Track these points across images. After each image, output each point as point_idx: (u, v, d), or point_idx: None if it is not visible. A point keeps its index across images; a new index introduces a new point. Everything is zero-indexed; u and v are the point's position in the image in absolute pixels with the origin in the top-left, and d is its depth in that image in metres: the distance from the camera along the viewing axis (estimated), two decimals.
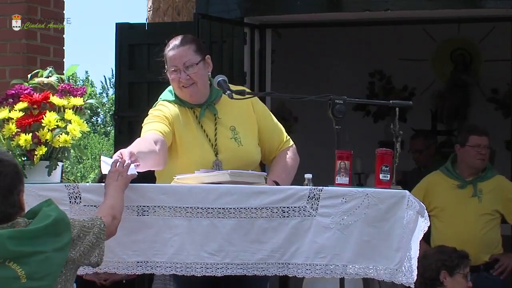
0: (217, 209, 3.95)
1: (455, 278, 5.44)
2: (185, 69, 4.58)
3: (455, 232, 6.41)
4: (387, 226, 3.88)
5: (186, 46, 4.62)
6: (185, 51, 4.61)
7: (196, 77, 4.59)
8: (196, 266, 3.96)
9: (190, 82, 4.58)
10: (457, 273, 5.45)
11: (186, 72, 4.58)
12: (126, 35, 8.20)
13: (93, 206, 3.99)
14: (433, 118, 11.00)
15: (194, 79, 4.58)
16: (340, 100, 4.15)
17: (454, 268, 5.49)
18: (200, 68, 4.61)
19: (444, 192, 6.56)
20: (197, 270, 3.95)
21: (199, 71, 4.61)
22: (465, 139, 6.60)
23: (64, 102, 4.15)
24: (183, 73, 4.57)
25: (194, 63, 4.59)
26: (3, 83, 5.46)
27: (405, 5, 7.94)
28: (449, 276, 5.46)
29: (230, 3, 8.29)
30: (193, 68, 4.58)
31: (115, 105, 8.66)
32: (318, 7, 8.15)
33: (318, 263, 3.92)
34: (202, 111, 4.62)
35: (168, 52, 4.64)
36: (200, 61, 4.61)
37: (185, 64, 4.58)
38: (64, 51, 6.16)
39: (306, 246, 3.93)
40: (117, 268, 4.01)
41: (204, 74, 4.62)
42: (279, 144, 4.71)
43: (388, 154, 4.03)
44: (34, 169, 4.09)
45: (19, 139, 4.04)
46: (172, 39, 4.67)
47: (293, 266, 3.94)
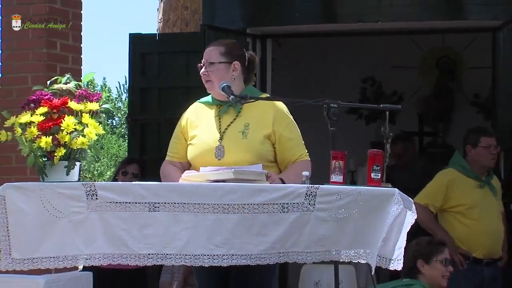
0: (222, 205, 3.93)
1: (432, 265, 5.39)
2: (207, 66, 4.66)
3: (486, 229, 6.38)
4: (378, 219, 3.86)
5: (215, 47, 4.73)
6: (213, 50, 4.71)
7: (212, 76, 4.64)
8: (204, 257, 3.94)
9: (206, 78, 4.67)
10: (434, 260, 5.41)
11: (207, 69, 4.66)
12: (138, 45, 8.19)
13: (108, 202, 3.98)
14: (420, 121, 11.01)
15: (210, 77, 4.64)
16: (334, 104, 4.14)
17: (429, 256, 5.44)
18: (219, 69, 4.65)
19: (468, 191, 6.42)
20: (205, 261, 3.93)
21: (217, 71, 4.65)
22: (477, 140, 6.49)
23: (81, 107, 4.14)
24: (204, 68, 4.67)
25: (215, 62, 4.65)
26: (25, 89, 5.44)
27: (395, 17, 7.94)
28: (426, 264, 5.41)
29: (234, 15, 8.28)
30: (212, 66, 4.65)
31: (128, 109, 8.65)
32: (315, 19, 8.15)
33: (317, 250, 3.93)
34: (225, 108, 4.68)
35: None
36: (222, 63, 4.65)
37: (208, 61, 4.67)
38: (81, 59, 6.12)
39: (306, 236, 3.92)
40: (130, 260, 3.99)
41: (223, 76, 4.64)
42: (293, 157, 4.67)
43: (379, 155, 4.02)
44: (54, 169, 4.08)
45: (40, 141, 4.03)
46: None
47: (294, 253, 3.93)
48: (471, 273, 6.36)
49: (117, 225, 3.98)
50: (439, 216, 6.54)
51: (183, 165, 4.74)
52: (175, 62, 8.07)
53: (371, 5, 7.93)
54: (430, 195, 6.49)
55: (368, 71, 10.96)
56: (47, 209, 3.98)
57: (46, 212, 3.98)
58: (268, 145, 4.64)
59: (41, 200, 3.98)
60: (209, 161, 4.57)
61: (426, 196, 6.48)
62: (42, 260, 3.98)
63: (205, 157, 4.60)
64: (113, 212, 3.98)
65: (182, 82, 7.89)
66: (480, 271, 6.39)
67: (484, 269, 6.41)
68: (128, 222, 3.97)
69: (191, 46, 7.84)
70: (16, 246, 3.96)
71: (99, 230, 3.99)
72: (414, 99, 10.84)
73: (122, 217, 3.97)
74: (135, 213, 3.96)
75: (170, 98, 7.84)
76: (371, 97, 11.06)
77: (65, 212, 3.99)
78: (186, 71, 7.94)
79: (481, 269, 6.40)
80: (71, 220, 3.98)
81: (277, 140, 4.65)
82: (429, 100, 10.99)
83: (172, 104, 7.23)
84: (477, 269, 6.38)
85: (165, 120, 7.59)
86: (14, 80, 5.84)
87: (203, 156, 4.61)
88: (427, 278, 5.37)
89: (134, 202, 3.97)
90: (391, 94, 10.97)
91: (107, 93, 35.20)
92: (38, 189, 4.00)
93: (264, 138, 4.62)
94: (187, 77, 7.82)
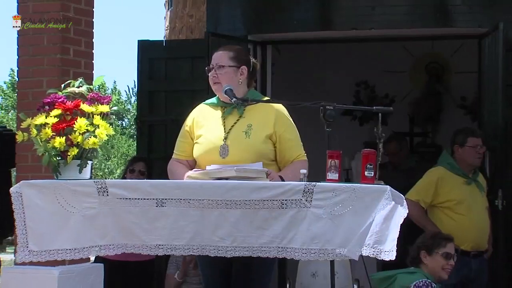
0: (225, 201, 3.94)
1: (434, 257, 5.47)
2: (216, 68, 4.65)
3: (473, 223, 6.39)
4: (371, 214, 3.86)
5: (225, 51, 4.72)
6: (222, 54, 4.71)
7: (221, 78, 4.65)
8: (209, 248, 3.96)
9: (215, 80, 4.66)
10: (435, 252, 5.46)
11: (216, 71, 4.65)
12: (146, 51, 8.17)
13: (119, 198, 3.99)
14: (411, 122, 11.01)
15: (219, 79, 4.64)
16: (330, 106, 4.13)
17: (431, 248, 5.51)
18: (227, 72, 4.66)
19: (456, 187, 6.43)
20: (211, 251, 3.96)
21: (226, 74, 4.65)
22: (464, 141, 6.50)
23: (92, 109, 4.13)
24: (213, 71, 4.65)
25: (225, 66, 4.65)
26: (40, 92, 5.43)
27: (387, 24, 7.94)
28: (428, 255, 5.49)
29: (236, 23, 8.28)
30: (221, 69, 4.65)
31: (137, 111, 8.64)
32: (312, 26, 8.15)
33: (312, 248, 3.91)
34: (229, 109, 4.68)
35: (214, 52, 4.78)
36: (231, 67, 4.65)
37: (217, 64, 4.66)
38: (93, 64, 6.11)
39: (302, 233, 3.91)
40: (142, 250, 4.01)
41: (231, 79, 4.65)
42: (291, 157, 4.68)
43: (372, 154, 4.01)
44: (67, 167, 4.08)
45: (54, 141, 4.03)
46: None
47: (291, 250, 3.93)
48: (460, 264, 6.35)
49: (128, 219, 3.99)
50: (429, 211, 6.54)
51: (189, 163, 4.75)
52: (181, 67, 8.06)
53: (365, 14, 7.93)
54: (421, 191, 6.49)
55: (361, 75, 10.95)
56: (61, 205, 3.99)
57: (60, 207, 3.99)
58: (270, 145, 4.64)
59: (55, 196, 3.99)
60: (214, 159, 4.57)
61: (417, 193, 6.48)
62: (58, 252, 3.99)
63: (211, 155, 4.60)
64: (124, 207, 3.99)
65: (187, 85, 7.88)
66: (468, 263, 6.40)
67: (471, 260, 6.42)
68: (138, 216, 3.98)
69: (195, 52, 7.84)
70: (33, 239, 3.96)
71: (111, 223, 4.00)
72: (405, 102, 10.85)
73: (132, 212, 3.98)
74: (144, 208, 3.97)
75: (176, 101, 7.83)
76: (364, 99, 11.06)
77: (78, 207, 3.99)
78: (191, 75, 7.94)
79: (468, 260, 6.40)
80: (84, 214, 3.99)
81: (278, 140, 4.65)
82: (419, 103, 10.99)
83: (178, 106, 7.22)
84: (465, 260, 6.38)
85: (172, 121, 7.59)
86: (30, 84, 5.84)
87: (209, 154, 4.61)
88: (428, 268, 5.45)
89: (143, 198, 3.98)
90: (383, 97, 10.97)
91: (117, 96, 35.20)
92: (53, 186, 4.01)
93: (265, 138, 4.62)
94: (192, 81, 7.82)
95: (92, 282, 5.69)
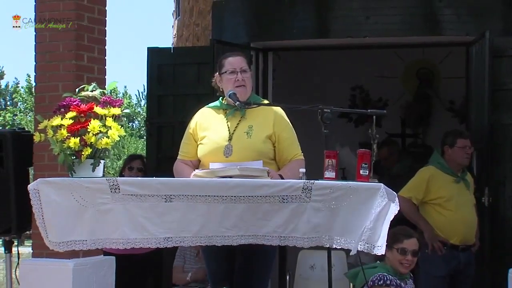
0: (230, 197, 3.95)
1: (392, 252, 5.32)
2: (241, 72, 4.67)
3: (462, 219, 6.37)
4: (365, 210, 3.87)
5: (242, 57, 4.77)
6: (242, 59, 4.75)
7: (247, 81, 4.70)
8: (216, 238, 3.97)
9: (242, 83, 4.67)
10: (393, 248, 5.34)
11: (242, 75, 4.66)
12: (155, 57, 8.17)
13: (130, 195, 3.99)
14: (403, 124, 10.99)
15: (245, 82, 4.67)
16: (328, 109, 4.14)
17: (390, 244, 5.37)
18: (249, 76, 4.73)
19: (446, 185, 6.42)
20: (218, 241, 3.97)
21: (249, 78, 4.73)
22: (454, 142, 6.50)
23: (105, 111, 4.14)
24: (240, 74, 4.67)
25: (247, 70, 4.70)
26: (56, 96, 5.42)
27: (380, 33, 7.94)
28: (389, 250, 5.33)
29: (239, 31, 8.28)
30: (246, 73, 4.70)
31: (147, 113, 8.63)
32: (310, 34, 8.15)
33: (313, 236, 3.94)
34: (231, 111, 4.69)
35: (228, 57, 4.76)
36: (250, 71, 4.74)
37: (242, 68, 4.69)
38: (106, 70, 6.10)
39: (303, 224, 3.94)
40: (152, 243, 4.01)
41: (251, 82, 4.73)
42: (289, 156, 4.69)
43: (367, 154, 4.01)
44: (81, 166, 4.09)
45: (69, 142, 4.03)
46: (228, 52, 4.87)
47: (293, 238, 3.95)
48: (449, 257, 6.37)
49: (139, 213, 3.99)
50: (420, 207, 6.53)
51: (193, 163, 4.76)
52: (187, 72, 8.05)
53: (359, 23, 7.94)
54: (413, 189, 6.49)
55: (357, 80, 10.95)
56: (77, 200, 3.99)
57: (75, 202, 3.99)
58: (269, 144, 4.65)
59: (71, 192, 3.99)
60: (218, 158, 4.57)
61: (409, 190, 6.48)
62: (75, 242, 4.00)
63: (215, 155, 4.60)
64: (134, 203, 4.00)
65: (193, 90, 7.87)
66: (457, 256, 6.40)
67: (460, 254, 6.41)
68: (148, 211, 3.99)
69: (201, 58, 7.83)
70: (52, 232, 3.98)
71: (123, 218, 4.00)
72: (397, 105, 10.84)
73: (142, 207, 3.99)
74: (153, 204, 3.98)
75: (183, 104, 7.82)
76: (359, 103, 11.04)
77: (92, 202, 4.00)
78: (197, 80, 7.93)
79: (457, 254, 6.40)
80: (98, 209, 4.00)
81: (277, 140, 4.67)
82: (411, 106, 10.99)
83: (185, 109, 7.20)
84: (454, 254, 6.38)
85: (179, 123, 7.56)
86: (46, 88, 5.83)
87: (213, 154, 4.61)
88: (390, 262, 5.34)
89: (152, 194, 3.99)
90: (377, 101, 10.96)
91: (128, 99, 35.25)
92: (68, 183, 4.02)
93: (266, 138, 4.63)
94: (198, 86, 7.81)
95: (105, 274, 5.69)
